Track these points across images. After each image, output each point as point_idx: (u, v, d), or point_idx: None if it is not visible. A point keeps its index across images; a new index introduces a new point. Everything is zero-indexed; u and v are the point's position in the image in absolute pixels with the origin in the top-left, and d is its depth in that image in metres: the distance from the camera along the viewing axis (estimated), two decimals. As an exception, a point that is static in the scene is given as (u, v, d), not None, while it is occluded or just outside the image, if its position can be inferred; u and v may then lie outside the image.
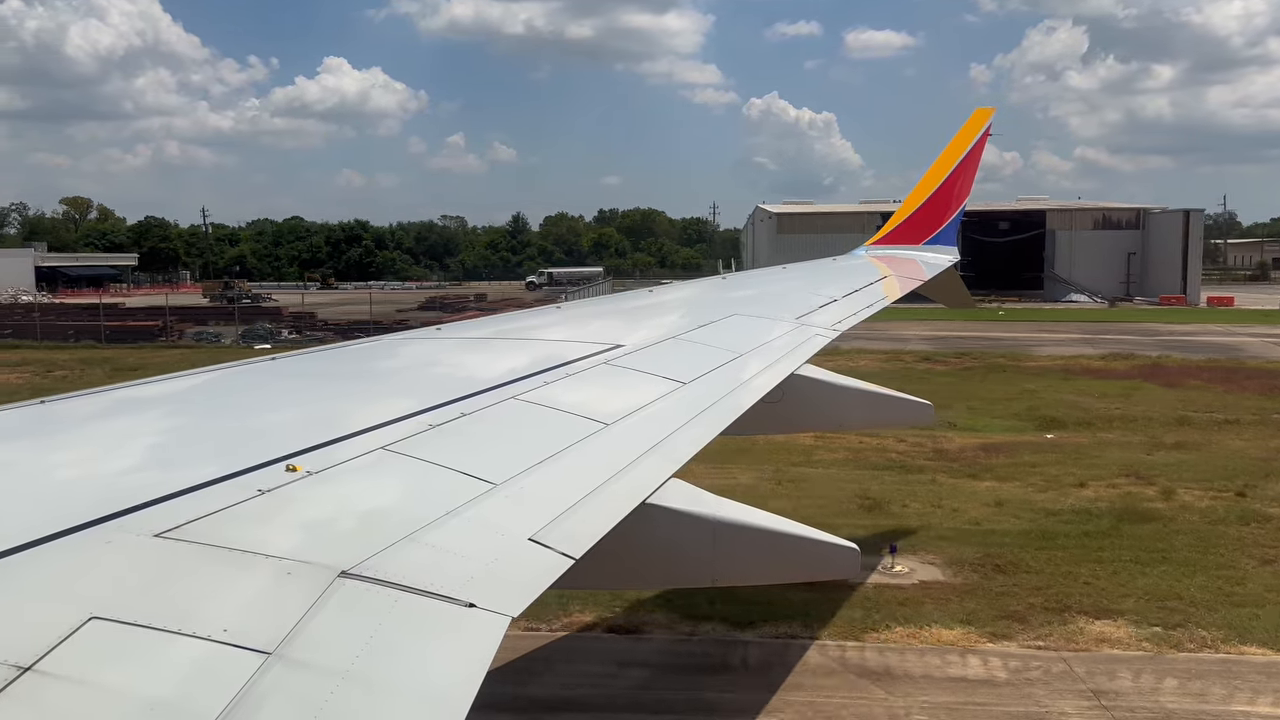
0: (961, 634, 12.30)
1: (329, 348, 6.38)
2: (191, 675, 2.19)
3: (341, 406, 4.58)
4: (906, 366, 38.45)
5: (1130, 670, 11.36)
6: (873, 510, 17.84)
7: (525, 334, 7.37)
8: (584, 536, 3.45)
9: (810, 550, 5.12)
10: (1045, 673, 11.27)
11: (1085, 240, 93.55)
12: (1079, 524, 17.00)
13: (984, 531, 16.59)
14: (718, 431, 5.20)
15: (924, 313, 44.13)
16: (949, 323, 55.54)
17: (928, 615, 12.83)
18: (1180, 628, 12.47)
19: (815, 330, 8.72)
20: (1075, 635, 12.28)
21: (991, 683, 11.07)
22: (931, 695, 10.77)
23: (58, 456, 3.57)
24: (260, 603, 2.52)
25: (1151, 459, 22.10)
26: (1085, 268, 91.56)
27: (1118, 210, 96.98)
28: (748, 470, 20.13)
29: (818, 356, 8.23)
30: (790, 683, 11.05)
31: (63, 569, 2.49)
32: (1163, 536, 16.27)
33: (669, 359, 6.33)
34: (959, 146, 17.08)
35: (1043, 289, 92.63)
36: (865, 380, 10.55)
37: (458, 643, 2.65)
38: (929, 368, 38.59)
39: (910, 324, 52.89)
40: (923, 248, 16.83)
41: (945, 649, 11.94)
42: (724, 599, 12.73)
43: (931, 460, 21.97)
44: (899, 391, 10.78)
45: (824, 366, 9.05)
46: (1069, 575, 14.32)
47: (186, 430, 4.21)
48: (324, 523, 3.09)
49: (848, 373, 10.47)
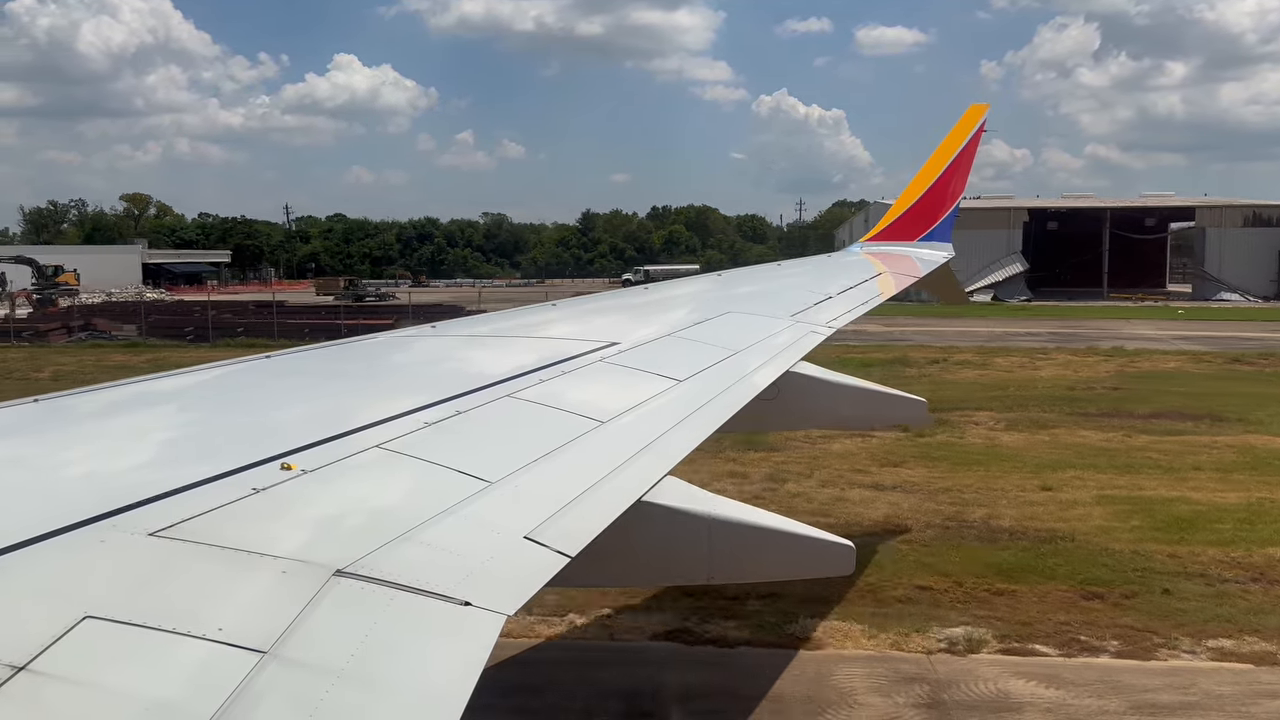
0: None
1: (325, 345, 6.37)
2: (187, 674, 2.18)
3: (337, 405, 4.57)
4: (1225, 368, 35.55)
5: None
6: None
7: (521, 332, 7.36)
8: (580, 534, 3.45)
9: (806, 547, 5.12)
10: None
11: (1234, 238, 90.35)
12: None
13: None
14: (713, 429, 5.20)
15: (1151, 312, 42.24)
16: (1171, 322, 55.22)
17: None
18: None
19: (811, 327, 8.72)
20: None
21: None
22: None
23: (52, 455, 3.56)
24: (255, 601, 2.52)
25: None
26: (1234, 266, 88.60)
27: (1268, 207, 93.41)
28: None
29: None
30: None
31: (57, 568, 2.48)
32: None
33: (665, 356, 6.33)
34: (953, 143, 17.10)
35: (1164, 288, 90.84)
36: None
37: (454, 641, 2.65)
38: (1234, 369, 35.30)
39: (1140, 323, 52.27)
40: (918, 244, 16.84)
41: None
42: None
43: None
44: (893, 389, 10.78)
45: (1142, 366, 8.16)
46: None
47: (181, 428, 4.20)
48: (319, 521, 3.09)
49: (1175, 372, 9.89)
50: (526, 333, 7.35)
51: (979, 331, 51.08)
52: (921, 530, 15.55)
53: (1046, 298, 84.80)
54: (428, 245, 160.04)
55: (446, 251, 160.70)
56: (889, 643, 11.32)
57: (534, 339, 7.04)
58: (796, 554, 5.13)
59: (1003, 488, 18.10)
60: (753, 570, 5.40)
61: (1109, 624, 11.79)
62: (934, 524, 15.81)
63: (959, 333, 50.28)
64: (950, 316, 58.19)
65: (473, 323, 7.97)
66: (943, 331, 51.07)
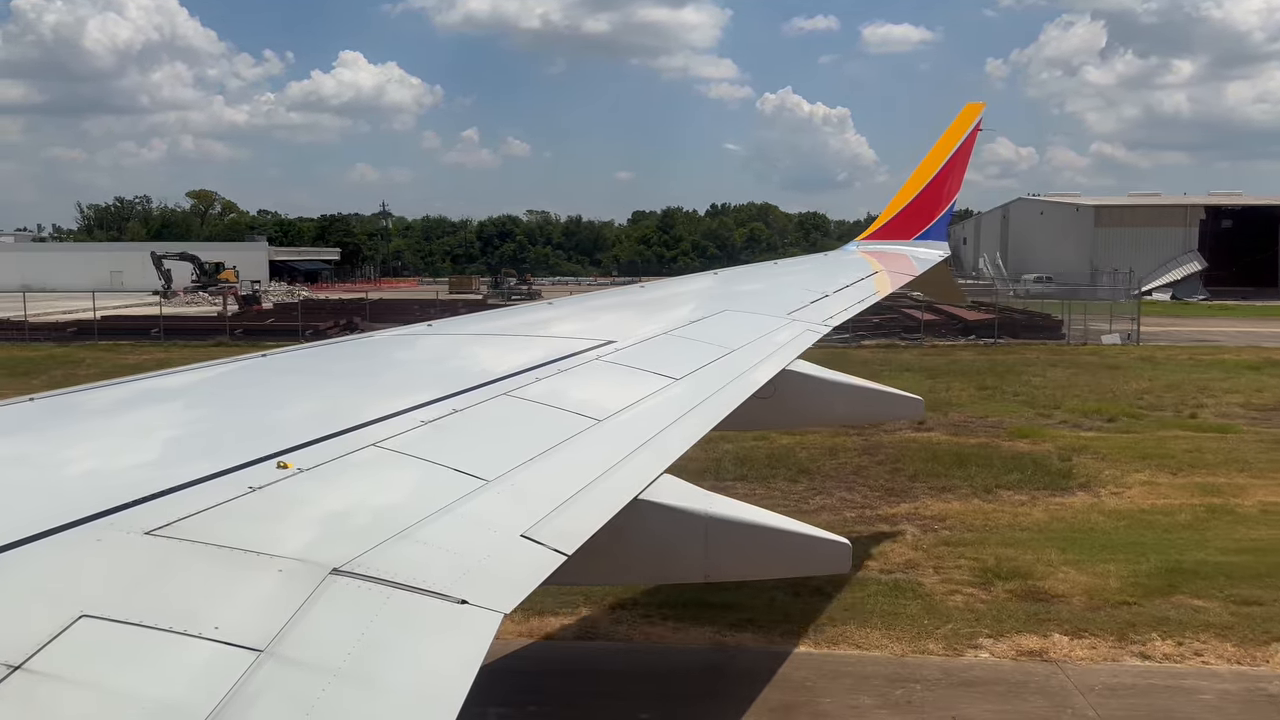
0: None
1: (322, 344, 6.36)
2: (183, 673, 2.18)
3: (333, 403, 4.56)
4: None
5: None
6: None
7: (517, 330, 7.37)
8: (577, 533, 3.45)
9: (802, 545, 5.12)
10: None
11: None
12: None
13: None
14: (710, 427, 5.20)
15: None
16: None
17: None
18: None
19: (806, 325, 8.73)
20: None
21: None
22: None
23: (48, 453, 3.56)
24: (252, 600, 2.51)
25: None
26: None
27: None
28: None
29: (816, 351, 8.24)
30: None
31: (52, 567, 2.48)
32: None
33: (661, 355, 6.33)
34: (949, 142, 17.14)
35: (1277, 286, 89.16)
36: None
37: (450, 640, 2.65)
38: None
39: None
40: (914, 243, 16.88)
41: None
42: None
43: None
44: (889, 386, 10.80)
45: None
46: None
47: (177, 427, 4.20)
48: (316, 520, 3.09)
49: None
50: (523, 331, 7.35)
51: (1227, 331, 50.82)
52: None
53: (1221, 297, 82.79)
54: (509, 243, 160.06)
55: (528, 249, 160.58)
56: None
57: (531, 337, 7.04)
58: (793, 552, 5.14)
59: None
60: (750, 568, 5.40)
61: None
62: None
63: (1224, 332, 49.96)
64: (1197, 316, 57.35)
65: (470, 321, 7.97)
66: (1224, 331, 50.97)
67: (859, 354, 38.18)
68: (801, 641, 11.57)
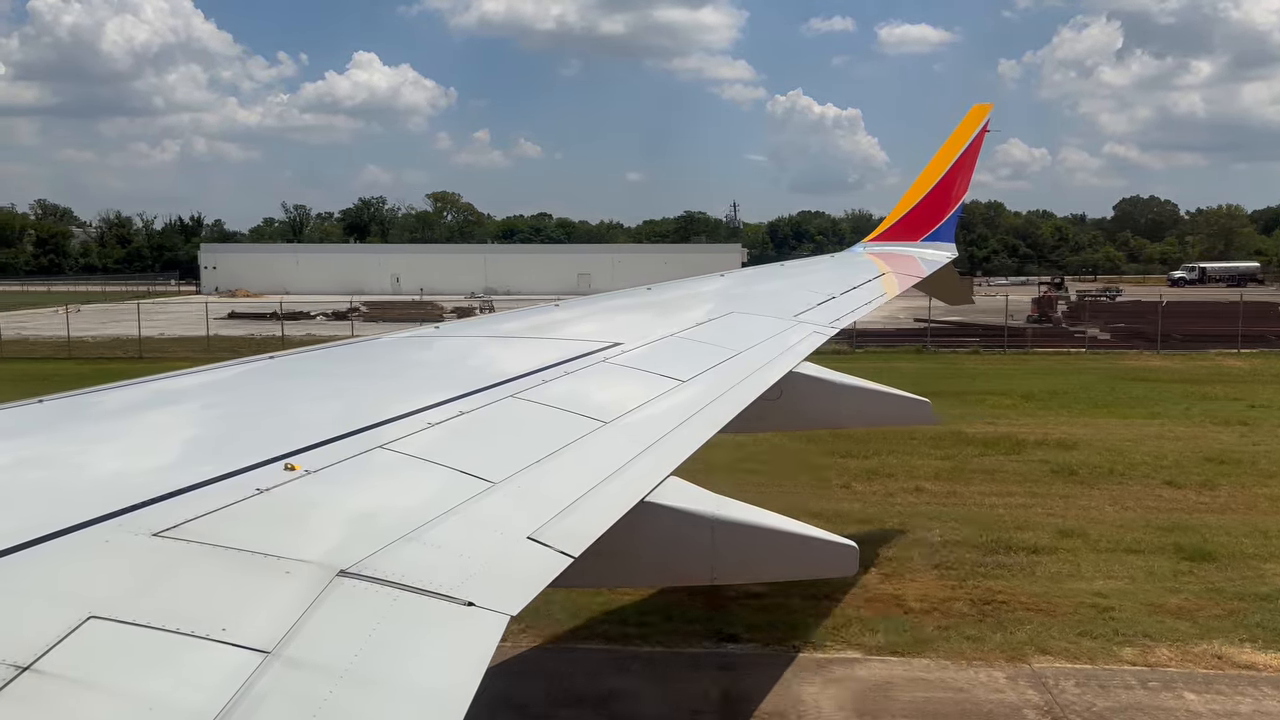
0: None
1: (330, 346, 6.37)
2: (190, 674, 2.18)
3: (341, 405, 4.57)
4: None
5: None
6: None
7: (524, 333, 7.37)
8: (583, 535, 3.45)
9: (809, 548, 5.11)
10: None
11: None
12: None
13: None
14: (716, 429, 5.20)
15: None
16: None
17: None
18: None
19: (813, 327, 8.72)
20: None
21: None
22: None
23: (57, 455, 3.57)
24: (259, 602, 2.52)
25: None
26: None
27: None
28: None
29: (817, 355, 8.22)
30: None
31: (61, 568, 2.49)
32: None
33: (668, 357, 6.32)
34: (956, 143, 17.08)
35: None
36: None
37: (457, 641, 2.65)
38: None
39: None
40: (921, 244, 16.82)
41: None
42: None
43: None
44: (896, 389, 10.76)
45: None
46: None
47: (185, 429, 4.21)
48: (323, 522, 3.09)
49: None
50: (531, 333, 7.35)
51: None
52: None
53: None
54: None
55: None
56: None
57: (538, 340, 7.04)
58: (800, 554, 5.13)
59: None
60: (756, 570, 5.40)
61: None
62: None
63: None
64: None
65: (477, 323, 7.97)
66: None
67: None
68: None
